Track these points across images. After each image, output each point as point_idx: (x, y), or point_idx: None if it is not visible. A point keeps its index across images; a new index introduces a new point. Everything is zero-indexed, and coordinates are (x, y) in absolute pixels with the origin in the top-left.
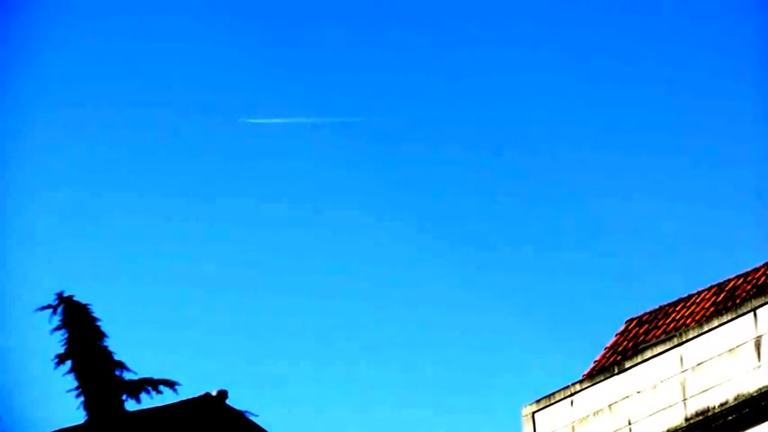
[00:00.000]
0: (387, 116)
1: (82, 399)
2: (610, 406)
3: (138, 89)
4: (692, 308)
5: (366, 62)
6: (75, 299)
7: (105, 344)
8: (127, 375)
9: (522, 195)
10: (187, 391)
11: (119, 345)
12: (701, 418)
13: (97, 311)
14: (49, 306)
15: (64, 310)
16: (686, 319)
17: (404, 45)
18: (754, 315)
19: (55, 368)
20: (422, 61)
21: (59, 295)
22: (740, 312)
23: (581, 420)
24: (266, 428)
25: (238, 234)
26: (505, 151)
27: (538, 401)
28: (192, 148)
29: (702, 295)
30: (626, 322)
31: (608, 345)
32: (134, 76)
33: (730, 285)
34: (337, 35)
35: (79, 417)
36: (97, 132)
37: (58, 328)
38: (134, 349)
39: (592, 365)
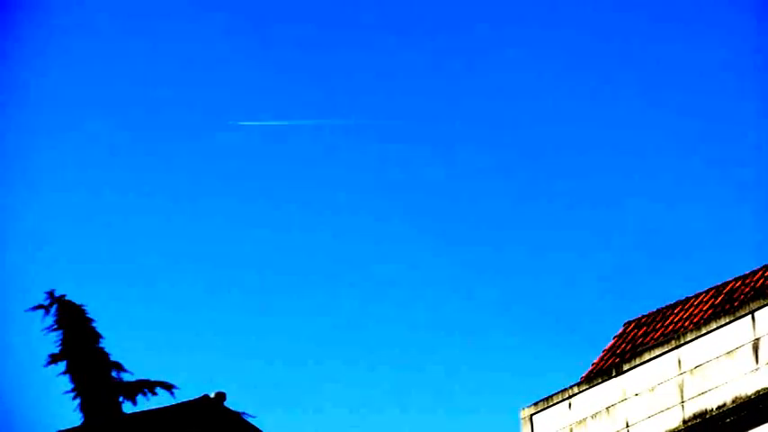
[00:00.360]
0: (378, 118)
1: (78, 401)
2: (608, 408)
3: (127, 90)
4: (691, 310)
5: (357, 64)
6: (68, 299)
7: (101, 345)
8: (124, 377)
9: (520, 196)
10: (184, 393)
11: (115, 346)
12: (698, 420)
13: (93, 312)
14: (40, 306)
15: (58, 310)
16: (684, 322)
17: (396, 46)
18: (752, 318)
19: (45, 365)
20: (416, 63)
21: (50, 294)
22: (738, 315)
23: (579, 423)
24: (264, 430)
25: (235, 234)
26: (504, 151)
27: (536, 404)
28: (184, 149)
29: (700, 298)
30: (624, 325)
31: (606, 347)
32: (124, 77)
33: (728, 288)
34: (329, 36)
35: (75, 418)
36: (89, 133)
37: (52, 329)
38: (130, 351)
39: (590, 368)
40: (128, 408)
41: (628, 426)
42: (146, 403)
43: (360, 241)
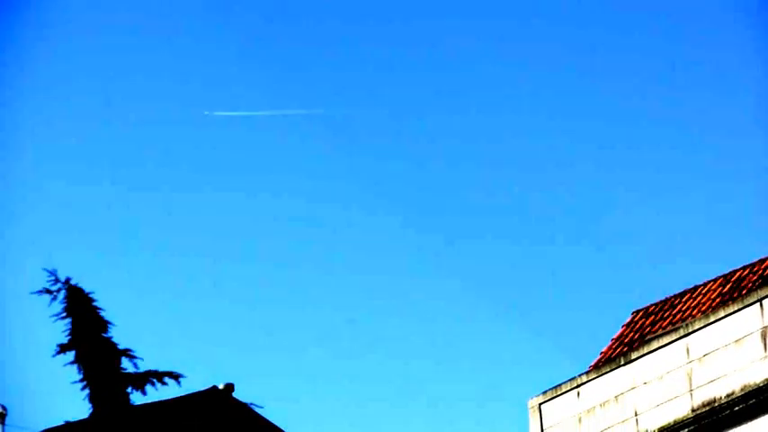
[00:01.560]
0: (353, 108)
1: (87, 391)
2: (616, 397)
3: (105, 84)
4: (699, 299)
5: (333, 56)
6: (75, 284)
7: (110, 334)
8: (133, 363)
9: (526, 186)
10: (194, 385)
11: (124, 337)
12: (707, 408)
13: (101, 303)
14: (47, 290)
15: (66, 297)
16: (692, 311)
17: (375, 38)
18: (761, 306)
19: (54, 355)
20: (393, 54)
21: (54, 275)
22: (746, 303)
23: (588, 412)
24: (273, 421)
25: (244, 227)
26: (504, 142)
27: (544, 393)
28: (182, 141)
29: (709, 286)
30: (632, 314)
31: (614, 336)
32: (104, 71)
33: (736, 276)
34: (306, 28)
35: (84, 409)
36: (81, 127)
37: (61, 317)
38: (140, 342)
39: (598, 357)
40: (137, 398)
41: (636, 414)
42: (155, 393)
43: (365, 236)
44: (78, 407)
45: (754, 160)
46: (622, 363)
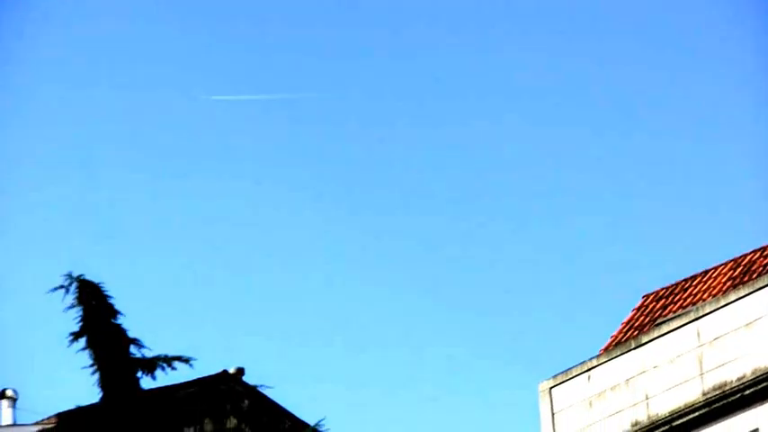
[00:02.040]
0: (336, 93)
1: (97, 376)
2: (627, 381)
3: (96, 70)
4: (709, 283)
5: (320, 40)
6: (86, 278)
7: (120, 322)
8: (141, 353)
9: (531, 171)
10: (205, 370)
11: (132, 323)
12: (718, 392)
13: (111, 292)
14: (60, 287)
15: (77, 288)
16: (703, 294)
17: (363, 28)
18: None
19: (69, 345)
20: (379, 42)
21: (69, 275)
22: (757, 287)
23: (598, 395)
24: (283, 405)
25: (250, 216)
26: (505, 132)
27: (555, 377)
28: (169, 129)
29: (719, 270)
30: (643, 297)
31: (625, 320)
32: (95, 57)
33: (747, 260)
34: (296, 14)
35: (94, 394)
36: (80, 116)
37: (72, 307)
38: (149, 327)
39: (609, 341)
40: (147, 383)
41: (647, 398)
42: (165, 378)
43: (367, 232)
44: (89, 392)
45: (764, 144)
46: (633, 347)
